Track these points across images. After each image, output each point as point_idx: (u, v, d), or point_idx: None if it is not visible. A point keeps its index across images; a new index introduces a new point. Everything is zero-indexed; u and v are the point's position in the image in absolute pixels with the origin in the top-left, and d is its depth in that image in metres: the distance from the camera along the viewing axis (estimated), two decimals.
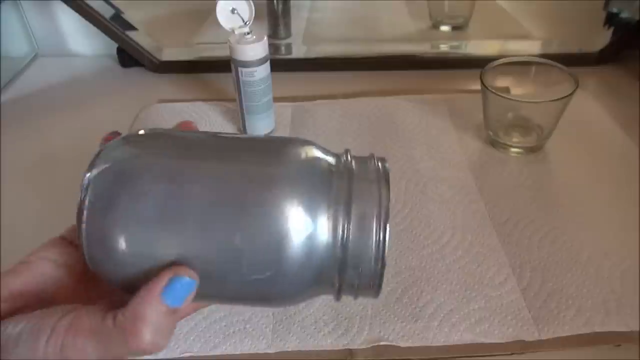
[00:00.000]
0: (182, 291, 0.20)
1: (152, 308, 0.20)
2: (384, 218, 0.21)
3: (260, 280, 0.21)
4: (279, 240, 0.20)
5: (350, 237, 0.21)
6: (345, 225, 0.21)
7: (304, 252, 0.20)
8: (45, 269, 0.24)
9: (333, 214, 0.21)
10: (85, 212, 0.20)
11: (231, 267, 0.21)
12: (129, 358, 0.21)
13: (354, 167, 0.23)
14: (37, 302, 0.23)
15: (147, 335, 0.20)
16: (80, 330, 0.20)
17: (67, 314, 0.21)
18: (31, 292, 0.24)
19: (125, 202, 0.20)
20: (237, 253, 0.20)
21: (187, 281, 0.20)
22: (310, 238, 0.21)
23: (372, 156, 0.24)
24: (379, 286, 0.22)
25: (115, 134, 0.24)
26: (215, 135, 0.24)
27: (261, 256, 0.20)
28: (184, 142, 0.23)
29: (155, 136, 0.23)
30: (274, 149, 0.23)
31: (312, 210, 0.21)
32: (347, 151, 0.24)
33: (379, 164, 0.23)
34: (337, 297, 0.23)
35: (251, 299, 0.23)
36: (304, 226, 0.20)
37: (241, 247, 0.20)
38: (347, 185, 0.22)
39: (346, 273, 0.22)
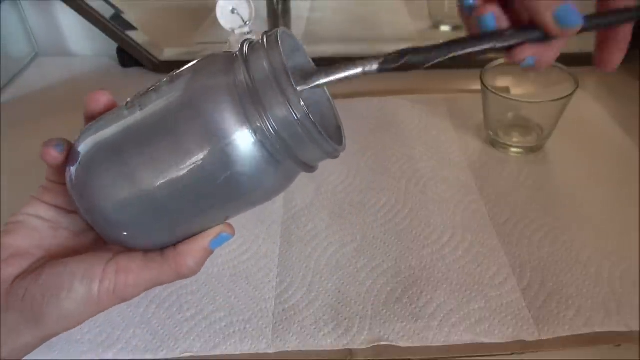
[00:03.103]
0: (223, 240, 0.27)
1: (199, 246, 0.26)
2: (283, 76, 0.22)
3: (225, 178, 0.23)
4: (213, 138, 0.23)
5: (269, 113, 0.22)
6: (260, 110, 0.22)
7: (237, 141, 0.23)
8: (36, 224, 0.27)
9: (245, 106, 0.22)
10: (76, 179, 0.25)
11: (197, 177, 0.23)
12: (172, 281, 0.27)
13: (247, 56, 0.24)
14: (38, 257, 0.27)
15: (190, 263, 0.26)
16: (130, 271, 0.26)
17: (109, 261, 0.26)
18: (33, 247, 0.26)
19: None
20: (194, 164, 0.23)
21: (228, 235, 0.27)
22: (236, 134, 0.23)
23: (264, 34, 0.25)
24: (320, 134, 0.23)
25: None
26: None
27: (210, 159, 0.23)
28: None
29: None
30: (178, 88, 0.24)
31: (224, 114, 0.22)
32: (242, 44, 0.25)
33: (264, 37, 0.24)
34: (304, 169, 0.25)
35: (235, 197, 0.25)
36: (228, 130, 0.23)
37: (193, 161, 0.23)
38: (248, 77, 0.23)
39: (287, 143, 0.23)
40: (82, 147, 0.25)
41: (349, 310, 0.39)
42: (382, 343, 0.37)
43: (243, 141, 0.22)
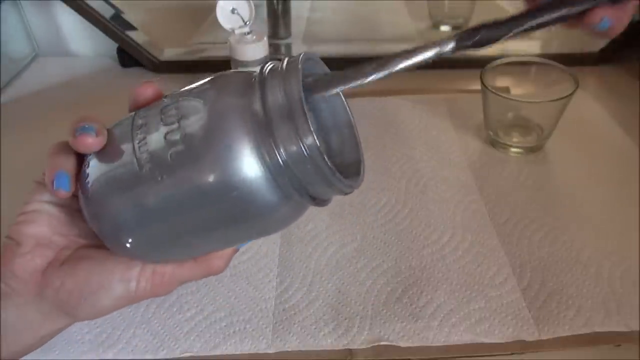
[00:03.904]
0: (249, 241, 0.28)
1: (228, 251, 0.28)
2: (298, 110, 0.21)
3: (231, 204, 0.22)
4: (225, 171, 0.22)
5: (281, 147, 0.22)
6: (272, 143, 0.22)
7: (248, 170, 0.22)
8: (52, 211, 0.27)
9: (257, 137, 0.22)
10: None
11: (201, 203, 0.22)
12: (202, 278, 0.28)
13: (265, 82, 0.23)
14: (62, 245, 0.27)
15: (221, 264, 0.27)
16: (165, 271, 0.27)
17: (144, 266, 0.26)
18: (54, 235, 0.27)
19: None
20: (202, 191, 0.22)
21: None
22: (248, 162, 0.22)
23: (285, 60, 0.24)
24: (332, 174, 0.22)
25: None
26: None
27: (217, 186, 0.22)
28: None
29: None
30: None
31: (239, 145, 0.22)
32: (262, 68, 0.24)
33: (283, 64, 0.23)
34: (315, 204, 0.25)
35: (242, 223, 0.24)
36: (241, 163, 0.22)
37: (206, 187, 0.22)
38: (261, 106, 0.22)
39: (297, 178, 0.22)
40: (91, 173, 0.24)
41: (349, 310, 0.39)
42: (382, 343, 0.37)
43: (251, 173, 0.22)
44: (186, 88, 0.24)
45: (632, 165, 0.52)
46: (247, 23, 0.51)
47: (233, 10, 0.51)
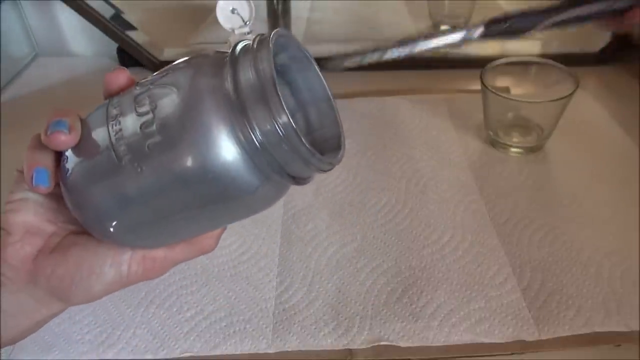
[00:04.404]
0: None
1: (218, 230, 0.28)
2: (271, 88, 0.21)
3: (209, 184, 0.22)
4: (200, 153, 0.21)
5: (256, 128, 0.21)
6: (246, 124, 0.21)
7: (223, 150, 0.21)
8: (39, 199, 0.27)
9: (231, 119, 0.21)
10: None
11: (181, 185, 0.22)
12: (194, 258, 0.28)
13: (236, 61, 0.22)
14: (50, 232, 0.27)
15: (212, 243, 0.28)
16: (156, 255, 0.26)
17: (134, 250, 0.26)
18: (43, 222, 0.27)
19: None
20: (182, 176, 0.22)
21: None
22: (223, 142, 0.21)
23: (257, 37, 0.23)
24: (309, 153, 0.22)
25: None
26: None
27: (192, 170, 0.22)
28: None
29: None
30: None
31: (213, 130, 0.21)
32: (234, 46, 0.23)
33: (255, 42, 0.23)
34: (295, 182, 0.24)
35: (221, 203, 0.24)
36: (218, 143, 0.21)
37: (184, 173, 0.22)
38: (233, 87, 0.21)
39: (274, 158, 0.22)
40: (70, 166, 0.24)
41: (349, 310, 0.39)
42: (382, 343, 0.37)
43: (228, 156, 0.21)
44: (158, 72, 0.24)
45: (632, 165, 0.52)
46: (247, 23, 0.51)
47: (233, 10, 0.51)
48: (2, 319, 0.26)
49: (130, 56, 0.74)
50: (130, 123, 0.22)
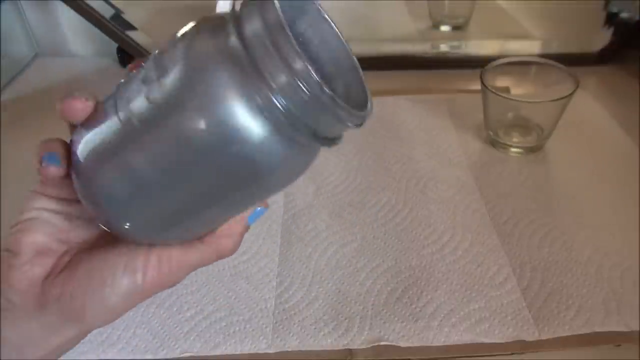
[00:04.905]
0: (259, 215, 0.27)
1: (237, 230, 0.26)
2: (280, 32, 0.18)
3: (233, 156, 0.20)
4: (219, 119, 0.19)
5: (270, 81, 0.19)
6: (259, 81, 0.19)
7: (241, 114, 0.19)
8: (50, 218, 0.25)
9: (242, 79, 0.19)
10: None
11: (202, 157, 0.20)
12: (212, 262, 0.26)
13: (239, 13, 0.20)
14: (61, 252, 0.25)
15: (231, 245, 0.26)
16: (171, 258, 0.25)
17: (149, 251, 0.25)
18: (53, 242, 0.25)
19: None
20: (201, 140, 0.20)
21: (263, 209, 0.27)
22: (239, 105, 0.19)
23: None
24: (334, 101, 0.19)
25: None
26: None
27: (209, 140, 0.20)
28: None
29: None
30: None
31: (225, 94, 0.19)
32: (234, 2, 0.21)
33: None
34: (325, 143, 0.21)
35: (249, 177, 0.21)
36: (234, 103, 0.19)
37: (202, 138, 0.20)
38: (240, 42, 0.19)
39: (297, 115, 0.19)
40: (80, 147, 0.23)
41: (349, 310, 0.39)
42: (382, 343, 0.37)
43: (242, 119, 0.19)
44: (159, 50, 0.22)
45: (632, 165, 0.52)
46: None
47: None
48: (7, 351, 0.24)
49: (130, 56, 0.74)
50: (140, 104, 0.20)
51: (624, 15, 0.69)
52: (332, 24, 0.24)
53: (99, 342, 0.38)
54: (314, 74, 0.18)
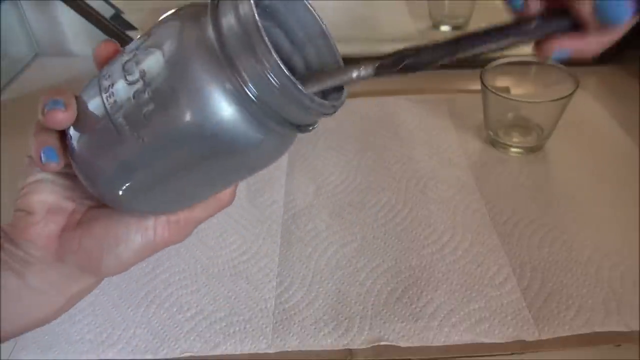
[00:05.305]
0: None
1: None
2: (254, 32, 0.19)
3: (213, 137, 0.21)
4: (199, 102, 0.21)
5: (246, 78, 0.20)
6: (236, 76, 0.20)
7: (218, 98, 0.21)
8: (54, 178, 0.27)
9: (220, 74, 0.20)
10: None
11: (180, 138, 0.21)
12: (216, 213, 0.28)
13: (216, 6, 0.21)
14: (71, 209, 0.27)
15: (230, 197, 0.27)
16: (179, 216, 0.27)
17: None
18: (62, 200, 0.27)
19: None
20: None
21: None
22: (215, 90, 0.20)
23: None
24: (306, 97, 0.20)
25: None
26: None
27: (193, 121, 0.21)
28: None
29: None
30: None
31: (204, 89, 0.20)
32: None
33: None
34: (299, 130, 0.23)
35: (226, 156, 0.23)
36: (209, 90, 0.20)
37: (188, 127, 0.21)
38: (217, 38, 0.20)
39: (271, 108, 0.21)
40: (73, 139, 0.24)
41: (349, 310, 0.39)
42: (382, 343, 0.37)
43: (222, 110, 0.20)
44: (144, 34, 0.23)
45: (632, 165, 0.52)
46: None
47: None
48: (32, 297, 0.26)
49: None
50: (123, 93, 0.22)
51: None
52: (309, 6, 0.26)
53: (99, 342, 0.38)
54: (285, 69, 0.19)
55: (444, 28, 0.79)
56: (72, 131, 0.24)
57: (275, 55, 0.19)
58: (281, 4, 0.25)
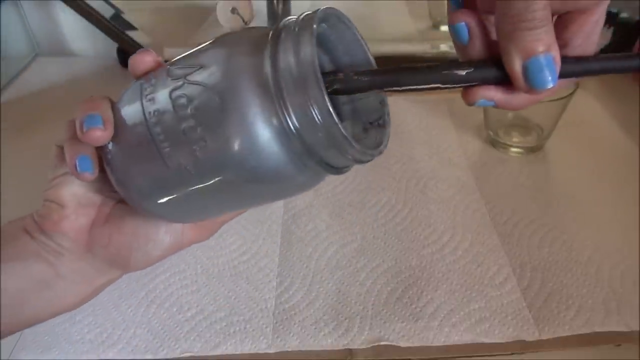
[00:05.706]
0: None
1: None
2: (311, 77, 0.20)
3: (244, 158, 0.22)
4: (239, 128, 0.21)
5: (294, 118, 0.21)
6: (285, 114, 0.21)
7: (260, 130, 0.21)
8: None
9: (269, 108, 0.21)
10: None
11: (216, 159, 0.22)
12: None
13: (277, 43, 0.21)
14: (100, 202, 0.28)
15: None
16: (207, 222, 0.28)
17: None
18: (91, 193, 0.28)
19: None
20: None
21: None
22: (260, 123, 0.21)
23: (300, 16, 0.22)
24: (350, 145, 0.21)
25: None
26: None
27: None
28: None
29: None
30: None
31: (251, 119, 0.21)
32: (277, 26, 0.23)
33: (298, 20, 0.22)
34: (333, 172, 0.23)
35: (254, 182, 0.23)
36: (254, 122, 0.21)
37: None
38: (271, 70, 0.21)
39: (313, 149, 0.21)
40: (112, 153, 0.25)
41: (349, 310, 0.39)
42: (382, 343, 0.37)
43: (264, 143, 0.21)
44: (193, 53, 0.24)
45: (632, 165, 0.52)
46: (247, 23, 0.51)
47: (233, 10, 0.51)
48: (63, 286, 0.27)
49: (130, 56, 0.74)
50: (170, 121, 0.22)
51: (624, 15, 0.69)
52: (359, 37, 0.26)
53: (99, 342, 0.38)
54: (335, 116, 0.20)
55: (444, 28, 0.79)
56: (110, 144, 0.25)
57: (328, 103, 0.20)
58: (332, 32, 0.26)
